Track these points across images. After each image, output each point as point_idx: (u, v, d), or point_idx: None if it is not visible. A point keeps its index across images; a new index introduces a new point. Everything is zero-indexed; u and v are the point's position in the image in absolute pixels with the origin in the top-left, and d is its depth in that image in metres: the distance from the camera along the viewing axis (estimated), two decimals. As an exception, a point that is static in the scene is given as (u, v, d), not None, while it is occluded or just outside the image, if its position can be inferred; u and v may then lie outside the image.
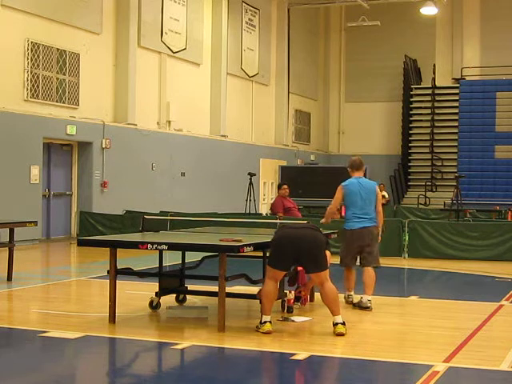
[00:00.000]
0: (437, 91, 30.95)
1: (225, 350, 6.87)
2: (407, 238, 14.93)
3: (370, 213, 9.09)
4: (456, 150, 30.12)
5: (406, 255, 14.85)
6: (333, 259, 8.17)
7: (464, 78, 31.30)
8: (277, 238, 7.42)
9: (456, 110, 30.53)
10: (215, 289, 7.56)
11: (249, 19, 26.82)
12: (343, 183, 9.16)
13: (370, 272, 9.00)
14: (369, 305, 8.77)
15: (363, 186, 9.09)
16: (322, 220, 9.42)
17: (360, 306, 8.80)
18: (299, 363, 6.31)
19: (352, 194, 9.03)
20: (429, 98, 31.01)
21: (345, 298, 9.10)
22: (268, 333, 7.18)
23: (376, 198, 9.16)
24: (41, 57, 17.55)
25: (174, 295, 8.83)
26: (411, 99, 31.56)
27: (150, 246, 7.44)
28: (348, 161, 9.39)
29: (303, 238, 7.33)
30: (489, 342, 7.13)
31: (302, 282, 8.58)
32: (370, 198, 9.08)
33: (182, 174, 22.44)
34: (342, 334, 7.17)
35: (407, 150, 31.31)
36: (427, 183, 29.28)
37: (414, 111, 31.62)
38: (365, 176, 9.38)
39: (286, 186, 15.13)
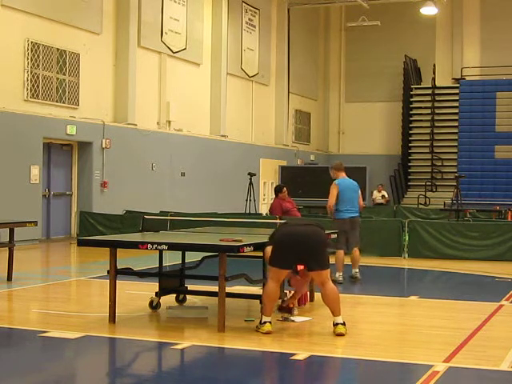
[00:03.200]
0: (437, 91, 30.94)
1: (225, 350, 6.87)
2: (407, 238, 14.93)
3: (355, 205, 11.33)
4: (456, 150, 30.12)
5: (406, 255, 14.85)
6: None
7: (464, 78, 31.30)
8: (278, 236, 7.40)
9: (456, 110, 30.52)
10: (215, 289, 7.55)
11: (249, 19, 26.82)
12: (336, 181, 11.27)
13: (356, 252, 11.39)
14: (357, 275, 11.26)
15: (350, 184, 11.36)
16: (329, 214, 11.46)
17: (351, 277, 11.22)
18: (299, 363, 6.31)
19: (344, 190, 11.19)
20: (429, 98, 31.01)
21: (336, 278, 10.66)
22: (268, 333, 7.18)
23: (358, 194, 11.45)
24: (41, 57, 17.55)
25: (174, 295, 8.83)
26: (411, 99, 31.56)
27: (150, 245, 7.44)
28: (334, 164, 11.67)
29: (306, 234, 7.31)
30: (489, 342, 7.13)
31: (294, 284, 8.46)
32: (355, 194, 11.34)
33: (182, 174, 22.44)
34: (342, 335, 7.16)
35: (407, 150, 31.31)
36: (427, 183, 29.26)
37: (414, 111, 31.62)
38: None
39: (285, 188, 15.19)
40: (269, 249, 7.39)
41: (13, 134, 16.69)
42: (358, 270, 11.36)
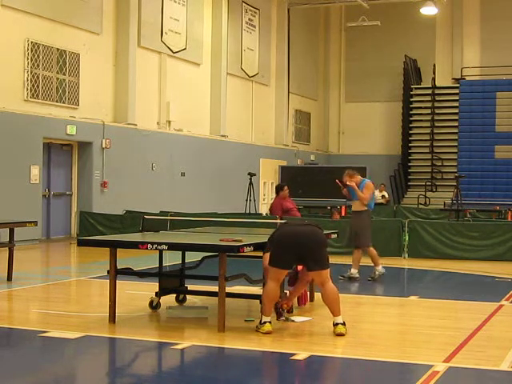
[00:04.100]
0: (437, 91, 30.94)
1: (225, 350, 6.87)
2: (407, 238, 14.93)
3: None
4: (456, 150, 30.12)
5: (406, 255, 14.85)
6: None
7: (464, 78, 31.30)
8: (277, 235, 7.40)
9: (456, 110, 30.52)
10: (215, 289, 7.55)
11: (249, 19, 26.82)
12: (369, 180, 11.55)
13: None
14: (358, 275, 11.34)
15: None
16: (348, 185, 11.30)
17: (351, 277, 11.27)
18: (299, 363, 6.31)
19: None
20: (429, 98, 31.01)
21: (379, 271, 11.42)
22: (268, 333, 7.18)
23: None
24: (41, 57, 17.55)
25: (174, 295, 8.84)
26: (411, 99, 31.56)
27: (150, 245, 7.44)
28: (352, 170, 11.53)
29: (305, 234, 7.31)
30: (489, 342, 7.13)
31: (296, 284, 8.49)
32: None
33: (182, 174, 22.44)
34: (342, 335, 7.16)
35: (407, 150, 31.31)
36: (427, 183, 29.26)
37: (414, 111, 31.62)
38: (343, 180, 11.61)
39: (286, 187, 15.18)
40: (267, 255, 7.41)
41: (13, 134, 16.69)
42: (358, 271, 11.40)
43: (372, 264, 11.54)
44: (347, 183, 11.31)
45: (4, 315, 8.54)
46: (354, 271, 11.33)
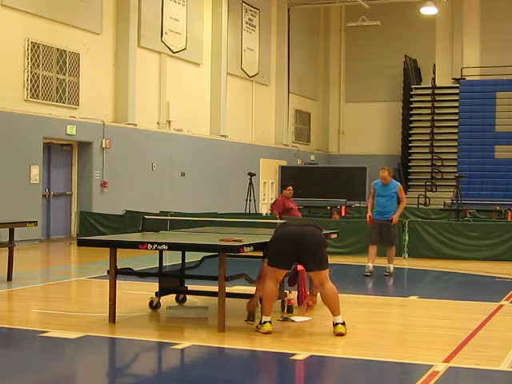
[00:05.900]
0: (437, 91, 30.95)
1: (225, 350, 6.87)
2: (407, 238, 14.93)
3: None
4: (456, 150, 30.12)
5: (406, 255, 14.85)
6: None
7: (464, 78, 31.30)
8: (277, 235, 7.41)
9: (456, 110, 30.53)
10: (215, 289, 7.56)
11: (249, 19, 26.82)
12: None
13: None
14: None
15: None
16: (395, 219, 12.15)
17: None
18: (299, 363, 6.31)
19: None
20: (429, 98, 31.01)
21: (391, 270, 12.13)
22: (268, 333, 7.18)
23: None
24: (41, 57, 17.55)
25: (174, 295, 8.84)
26: (411, 99, 31.56)
27: (150, 245, 7.44)
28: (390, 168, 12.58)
29: (304, 234, 7.32)
30: (489, 342, 7.13)
31: (302, 282, 8.55)
32: None
33: (182, 174, 22.44)
34: (341, 334, 7.16)
35: (407, 150, 31.31)
36: (427, 183, 29.27)
37: (414, 111, 31.62)
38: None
39: (291, 187, 15.16)
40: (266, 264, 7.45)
41: (13, 134, 16.68)
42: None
43: (369, 263, 12.01)
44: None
45: (4, 315, 8.54)
46: (391, 266, 12.09)
